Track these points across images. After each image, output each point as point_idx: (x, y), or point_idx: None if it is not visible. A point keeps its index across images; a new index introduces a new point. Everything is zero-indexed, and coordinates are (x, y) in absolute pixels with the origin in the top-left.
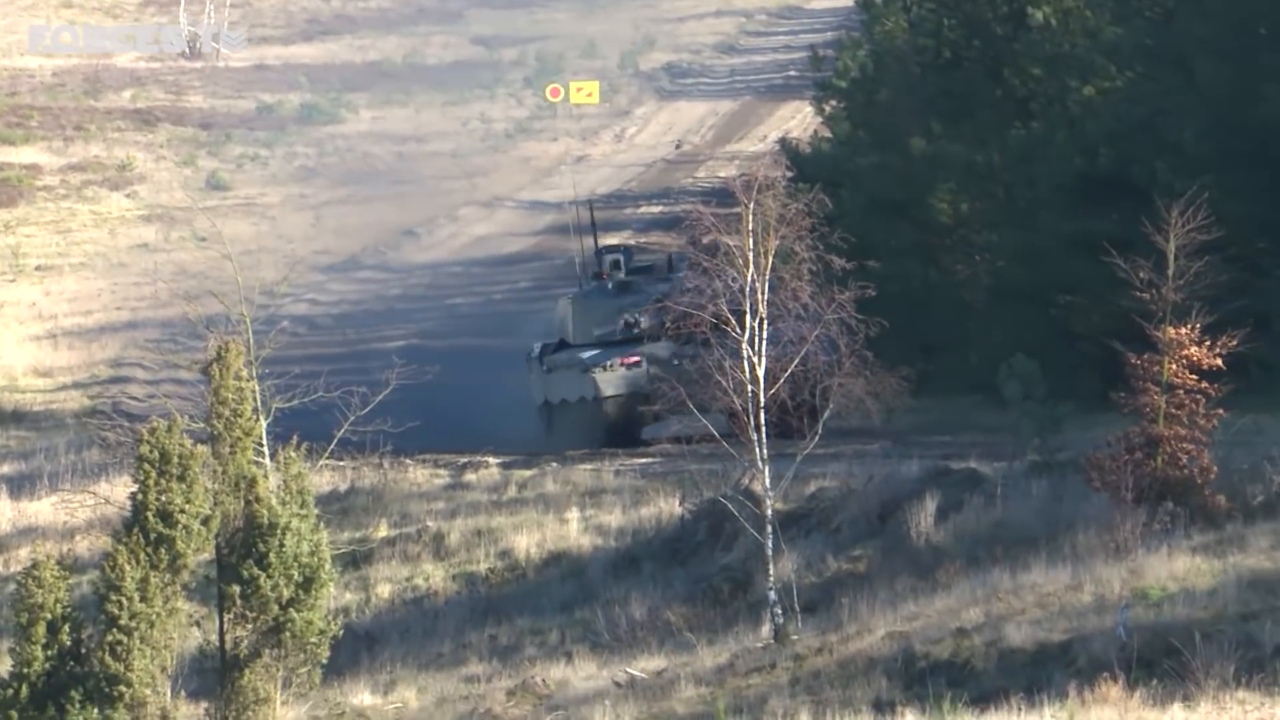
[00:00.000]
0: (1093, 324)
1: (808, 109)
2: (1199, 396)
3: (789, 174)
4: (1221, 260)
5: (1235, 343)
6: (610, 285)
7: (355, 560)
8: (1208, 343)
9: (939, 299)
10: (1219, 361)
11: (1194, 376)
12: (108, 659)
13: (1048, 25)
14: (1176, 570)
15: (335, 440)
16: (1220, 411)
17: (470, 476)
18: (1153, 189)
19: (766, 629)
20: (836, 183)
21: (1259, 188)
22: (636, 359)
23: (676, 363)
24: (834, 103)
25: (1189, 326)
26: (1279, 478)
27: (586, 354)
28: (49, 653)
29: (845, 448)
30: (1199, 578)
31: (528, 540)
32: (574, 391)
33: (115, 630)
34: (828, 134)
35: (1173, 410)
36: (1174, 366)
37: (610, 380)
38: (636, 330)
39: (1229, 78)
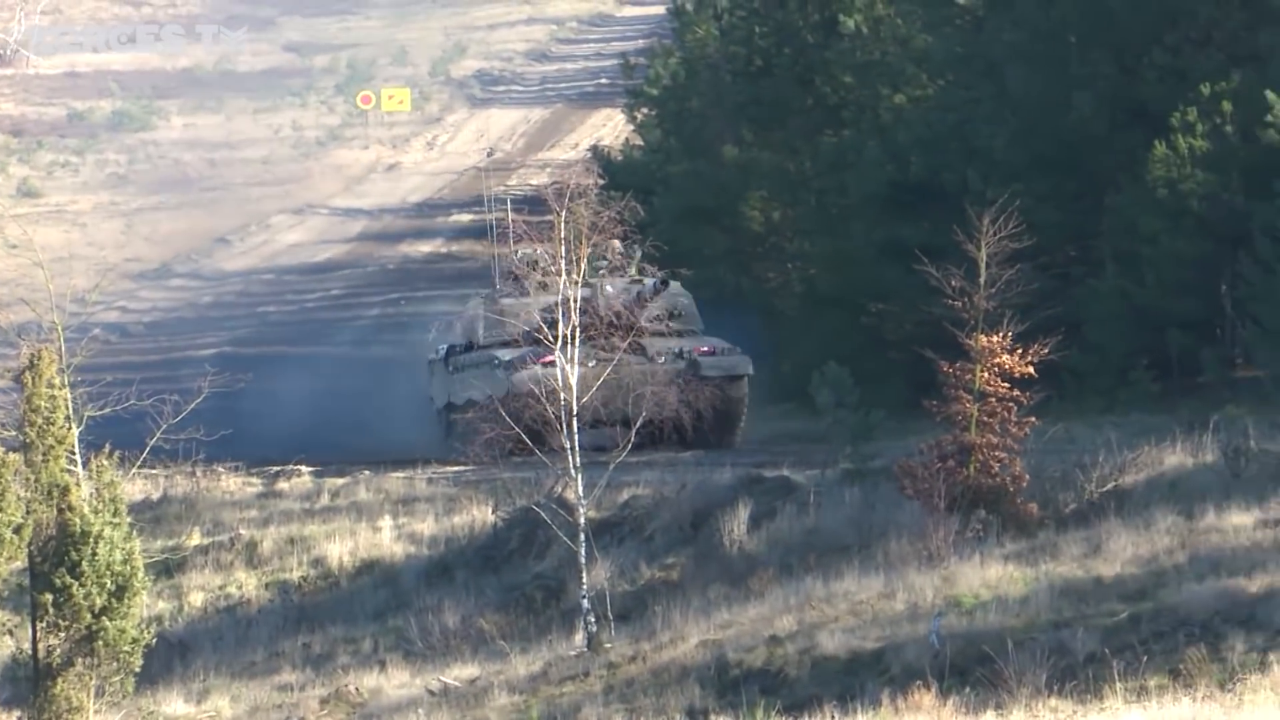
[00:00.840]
0: (905, 332)
1: (619, 116)
2: (1011, 404)
3: (601, 181)
4: (1033, 268)
5: (1047, 350)
6: (526, 285)
7: (168, 568)
8: (1019, 350)
9: (750, 306)
10: (1031, 369)
11: (1006, 384)
12: None
13: (859, 33)
14: (989, 578)
15: (148, 448)
16: (1032, 419)
17: (283, 485)
18: (964, 196)
19: (580, 637)
20: (648, 190)
21: (1069, 195)
22: (553, 359)
23: (593, 364)
24: (645, 110)
25: (1001, 334)
26: (1091, 486)
27: (501, 353)
28: None
29: (658, 455)
30: (1011, 586)
31: (340, 548)
32: (483, 391)
33: None
34: (639, 141)
35: (985, 418)
36: (986, 374)
37: (525, 380)
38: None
39: (1039, 86)
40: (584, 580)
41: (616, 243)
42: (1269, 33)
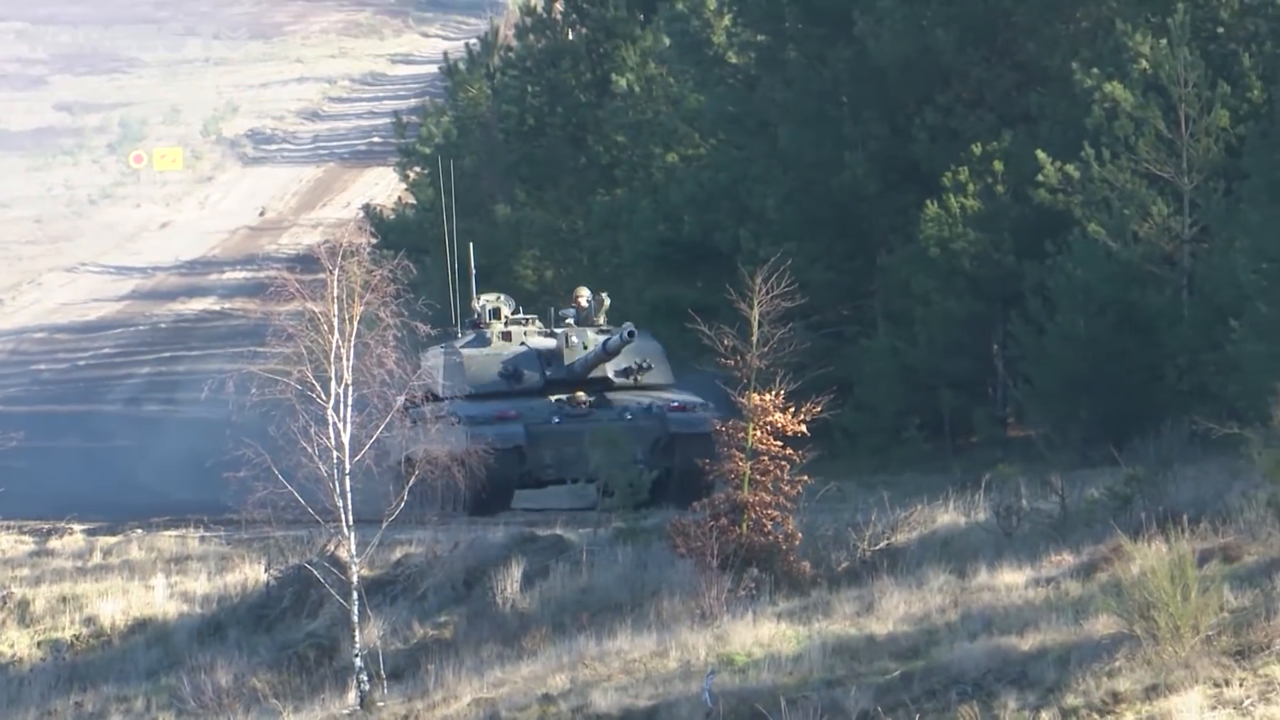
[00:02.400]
0: None
1: (392, 175)
2: (784, 463)
3: (374, 240)
4: (805, 327)
5: (819, 409)
6: (489, 335)
7: None
8: (792, 409)
9: None
10: (803, 428)
11: (778, 443)
12: None
13: (631, 92)
14: (762, 636)
15: None
16: (805, 478)
17: (55, 543)
18: (736, 255)
19: (353, 696)
20: (421, 249)
21: (841, 255)
22: (515, 414)
23: (557, 420)
24: (418, 169)
25: (773, 393)
26: (863, 544)
27: (458, 407)
28: None
29: (431, 514)
30: (784, 644)
31: (113, 607)
32: (441, 445)
33: None
34: (412, 200)
35: (758, 476)
36: (759, 433)
37: (484, 438)
38: (516, 384)
39: (811, 145)
40: (357, 638)
41: (585, 290)
42: (1039, 94)
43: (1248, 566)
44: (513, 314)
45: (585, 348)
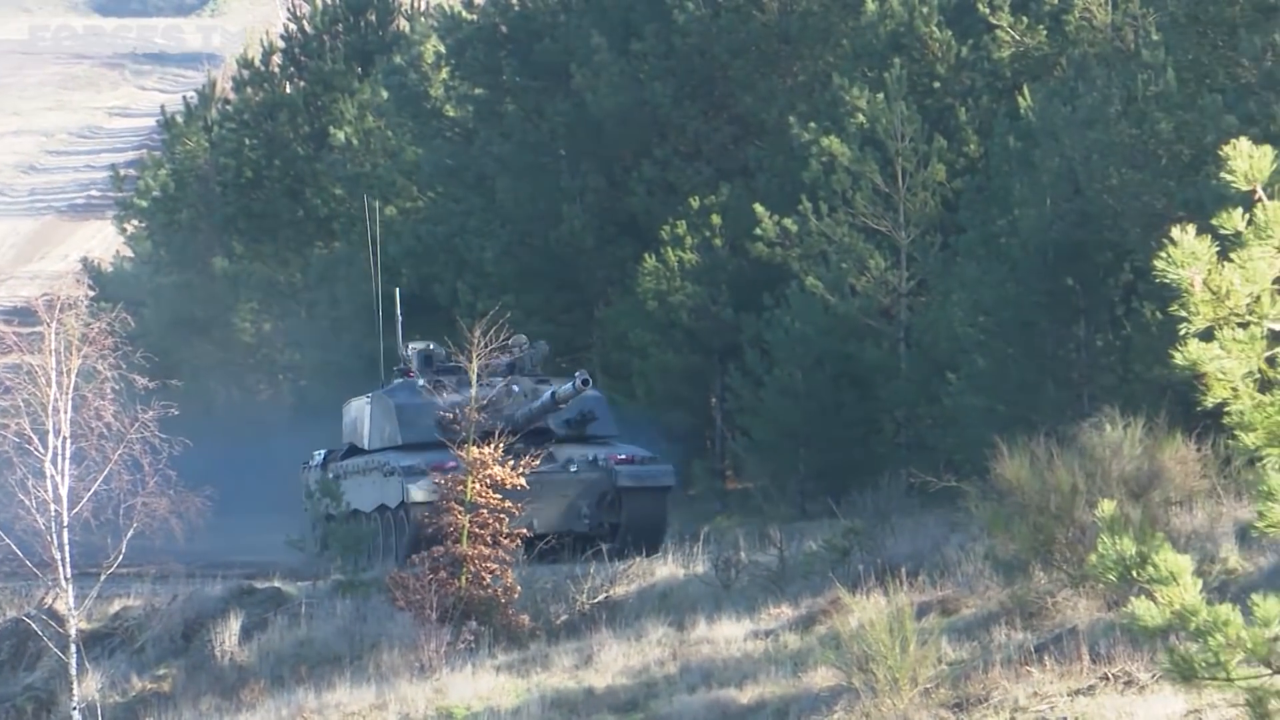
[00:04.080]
0: None
1: (110, 228)
2: (503, 516)
3: (92, 293)
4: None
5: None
6: (419, 384)
7: None
8: (510, 462)
9: (241, 418)
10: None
11: (498, 496)
12: None
13: (349, 145)
14: (481, 689)
15: None
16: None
17: None
18: (455, 308)
19: None
20: (139, 302)
21: (559, 307)
22: (453, 465)
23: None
24: (135, 222)
25: (492, 446)
26: (582, 597)
27: (391, 457)
28: None
29: (150, 567)
30: (503, 697)
31: None
32: (371, 500)
33: None
34: (130, 253)
35: (476, 530)
36: (477, 486)
37: (422, 488)
38: (448, 436)
39: (529, 198)
40: (75, 691)
41: (522, 338)
42: (757, 147)
43: (965, 619)
44: (443, 363)
45: (524, 397)
